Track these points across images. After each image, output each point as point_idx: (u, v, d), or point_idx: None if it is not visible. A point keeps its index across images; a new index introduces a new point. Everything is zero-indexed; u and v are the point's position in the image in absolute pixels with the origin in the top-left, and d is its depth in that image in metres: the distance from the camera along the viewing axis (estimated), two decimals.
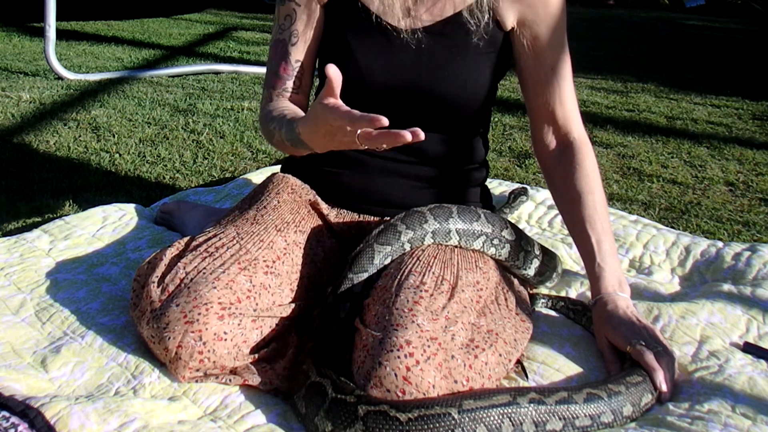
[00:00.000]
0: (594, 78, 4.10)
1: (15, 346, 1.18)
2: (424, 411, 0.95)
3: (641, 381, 1.09)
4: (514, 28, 1.32)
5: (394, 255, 1.24)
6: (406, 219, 1.25)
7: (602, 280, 1.25)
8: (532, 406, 0.99)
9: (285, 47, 1.35)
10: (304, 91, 1.39)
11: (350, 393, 1.00)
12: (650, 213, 2.01)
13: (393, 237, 1.24)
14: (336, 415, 0.99)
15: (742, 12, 8.44)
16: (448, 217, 1.26)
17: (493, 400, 0.98)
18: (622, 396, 1.06)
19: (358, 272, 1.21)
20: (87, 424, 0.97)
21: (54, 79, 3.44)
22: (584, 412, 1.02)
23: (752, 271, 1.49)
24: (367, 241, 1.24)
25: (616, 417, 1.05)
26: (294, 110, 1.28)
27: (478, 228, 1.28)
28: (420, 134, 0.94)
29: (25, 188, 2.02)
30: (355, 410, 0.97)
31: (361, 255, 1.22)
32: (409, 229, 1.24)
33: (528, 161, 2.45)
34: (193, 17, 6.29)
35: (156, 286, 1.15)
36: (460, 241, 1.27)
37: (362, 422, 0.96)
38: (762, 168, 2.48)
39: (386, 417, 0.95)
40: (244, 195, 1.57)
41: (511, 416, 0.98)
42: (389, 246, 1.23)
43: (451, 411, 0.96)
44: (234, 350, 1.11)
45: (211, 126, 2.74)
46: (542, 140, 1.38)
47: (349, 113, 1.00)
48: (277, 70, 1.36)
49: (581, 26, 6.49)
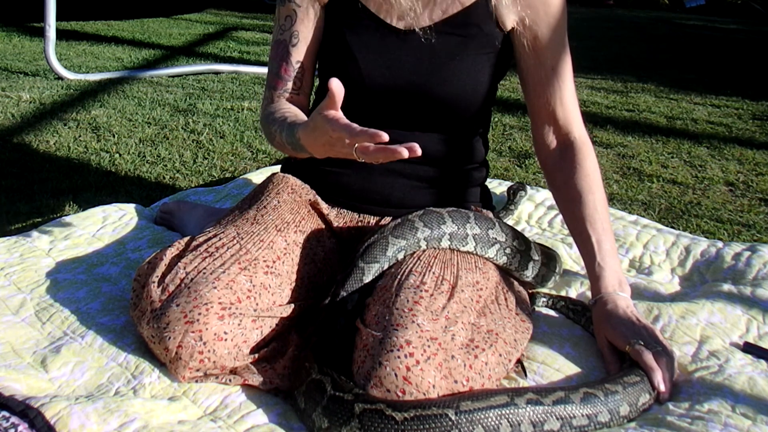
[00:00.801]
0: (594, 78, 4.10)
1: (15, 346, 1.18)
2: (420, 411, 0.95)
3: (639, 381, 1.09)
4: (515, 29, 1.32)
5: (407, 250, 1.23)
6: (424, 217, 1.25)
7: (602, 280, 1.25)
8: (529, 406, 1.00)
9: (286, 48, 1.35)
10: (305, 92, 1.39)
11: (348, 391, 1.00)
12: (650, 213, 2.01)
13: (409, 232, 1.23)
14: (333, 412, 0.99)
15: (742, 12, 8.44)
16: (465, 222, 1.26)
17: (491, 401, 0.98)
18: (619, 395, 1.06)
19: (370, 262, 1.20)
20: (87, 424, 0.97)
21: (54, 79, 3.44)
22: (581, 412, 1.02)
23: (752, 271, 1.49)
24: (382, 233, 1.23)
25: (612, 416, 1.05)
26: (295, 113, 1.28)
27: (492, 235, 1.28)
28: (417, 150, 0.95)
29: (25, 188, 2.02)
30: (352, 408, 0.97)
31: (374, 245, 1.21)
32: (426, 227, 1.24)
33: (528, 161, 2.45)
34: (193, 17, 6.30)
35: (156, 286, 1.15)
36: (476, 247, 1.27)
37: (358, 420, 0.96)
38: (762, 168, 2.48)
39: (382, 416, 0.95)
40: (244, 195, 1.57)
41: (509, 417, 0.98)
42: (404, 240, 1.23)
43: (448, 412, 0.96)
44: (234, 350, 1.11)
45: (211, 126, 2.74)
46: (543, 140, 1.38)
47: (349, 127, 1.01)
48: (278, 71, 1.36)
49: (581, 26, 6.49)
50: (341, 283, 1.20)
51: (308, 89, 1.39)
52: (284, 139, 1.23)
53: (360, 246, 1.23)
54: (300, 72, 1.36)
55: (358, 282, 1.20)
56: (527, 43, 1.32)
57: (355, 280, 1.20)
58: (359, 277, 1.20)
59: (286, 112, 1.28)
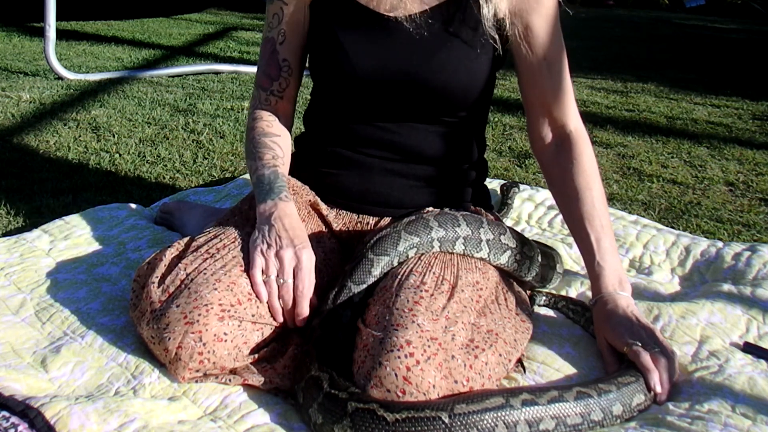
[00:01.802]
0: (594, 78, 4.10)
1: (15, 346, 1.18)
2: (413, 413, 0.95)
3: (633, 381, 1.09)
4: (506, 17, 1.29)
5: (419, 248, 1.22)
6: (439, 217, 1.24)
7: (602, 279, 1.25)
8: (525, 407, 0.99)
9: (273, 45, 1.37)
10: (290, 94, 1.39)
11: (344, 389, 1.01)
12: (650, 213, 2.01)
13: (423, 230, 1.22)
14: (327, 409, 1.00)
15: (742, 12, 8.44)
16: (479, 226, 1.26)
17: (486, 404, 0.97)
18: (612, 395, 1.05)
19: (379, 254, 1.20)
20: (87, 424, 0.97)
21: (54, 79, 3.44)
22: (575, 411, 1.02)
23: (752, 271, 1.49)
24: (395, 227, 1.22)
25: (605, 415, 1.04)
26: (278, 165, 1.31)
27: (504, 241, 1.28)
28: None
29: (25, 188, 2.02)
30: (345, 406, 0.98)
31: (385, 238, 1.21)
32: (441, 227, 1.23)
33: (528, 161, 2.45)
34: (193, 17, 6.30)
35: (156, 287, 1.14)
36: (489, 254, 1.27)
37: (350, 419, 0.97)
38: (762, 168, 2.48)
39: (374, 416, 0.96)
40: (244, 195, 1.57)
41: (505, 418, 0.97)
42: (417, 237, 1.22)
43: (441, 415, 0.95)
44: (234, 351, 1.11)
45: (211, 126, 2.74)
46: (538, 134, 1.37)
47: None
48: (266, 68, 1.38)
49: (581, 26, 6.49)
50: (349, 273, 1.19)
51: (294, 90, 1.40)
52: (253, 178, 1.30)
53: (370, 238, 1.23)
54: (287, 71, 1.37)
55: (366, 274, 1.19)
56: (519, 33, 1.30)
57: (363, 271, 1.19)
58: (367, 269, 1.19)
59: (271, 152, 1.33)
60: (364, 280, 1.19)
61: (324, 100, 1.40)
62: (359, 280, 1.18)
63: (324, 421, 1.00)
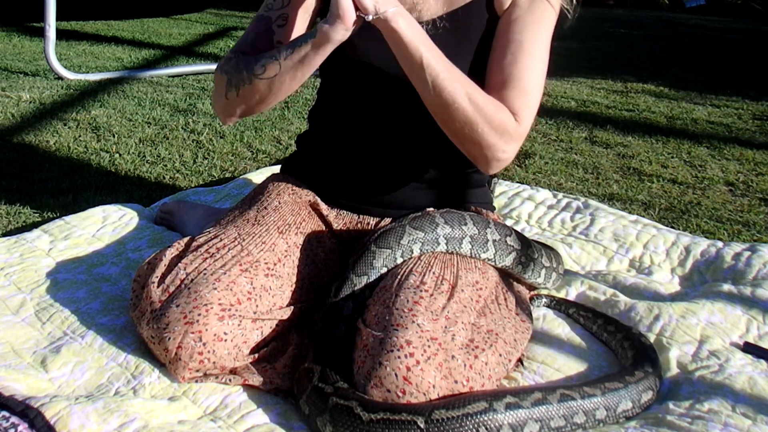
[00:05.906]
0: (594, 78, 4.10)
1: (15, 346, 1.18)
2: (390, 415, 0.95)
3: (620, 387, 1.08)
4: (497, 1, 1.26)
5: (424, 244, 1.22)
6: (445, 215, 1.24)
7: None
8: (509, 411, 0.98)
9: (268, 25, 1.28)
10: None
11: (332, 384, 1.02)
12: (650, 213, 2.01)
13: (428, 225, 1.22)
14: (313, 401, 1.02)
15: (742, 12, 8.44)
16: (485, 227, 1.26)
17: (468, 409, 0.96)
18: (597, 398, 1.05)
19: (383, 247, 1.20)
20: (87, 424, 0.97)
21: (54, 79, 3.44)
22: (558, 413, 1.01)
23: (752, 271, 1.49)
24: (400, 221, 1.22)
25: (588, 418, 1.04)
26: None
27: (510, 243, 1.28)
28: None
29: (25, 188, 2.02)
30: (327, 401, 0.99)
31: (390, 231, 1.21)
32: (447, 224, 1.23)
33: (528, 161, 2.45)
34: (193, 17, 6.29)
35: (156, 287, 1.14)
36: (495, 254, 1.26)
37: (329, 413, 0.98)
38: (762, 168, 2.48)
39: (350, 413, 0.97)
40: (244, 195, 1.57)
41: (487, 424, 0.96)
42: (422, 232, 1.22)
43: (417, 419, 0.94)
44: (234, 351, 1.11)
45: (211, 126, 2.74)
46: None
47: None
48: (253, 40, 1.29)
49: (581, 26, 6.48)
50: (352, 266, 1.19)
51: None
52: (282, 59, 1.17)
53: (375, 232, 1.23)
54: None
55: (369, 266, 1.19)
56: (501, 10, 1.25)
57: (366, 263, 1.19)
58: (370, 261, 1.19)
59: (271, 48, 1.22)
60: (367, 272, 1.19)
61: (330, 97, 1.40)
62: (361, 272, 1.19)
63: (310, 412, 1.02)
